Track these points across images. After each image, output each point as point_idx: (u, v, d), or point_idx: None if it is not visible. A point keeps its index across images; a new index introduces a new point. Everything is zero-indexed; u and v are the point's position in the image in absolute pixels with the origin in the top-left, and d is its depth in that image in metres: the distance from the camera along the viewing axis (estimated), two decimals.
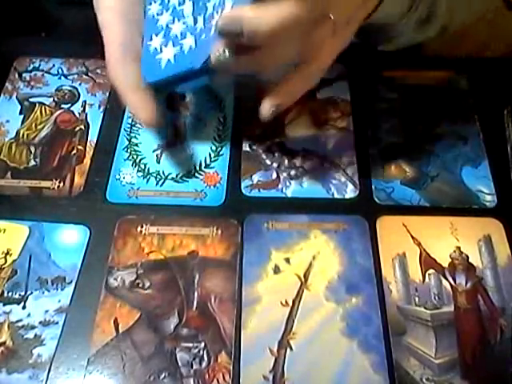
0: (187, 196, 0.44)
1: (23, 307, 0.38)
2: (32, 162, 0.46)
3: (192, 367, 0.36)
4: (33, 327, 0.37)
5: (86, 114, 0.49)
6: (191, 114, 0.48)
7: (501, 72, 0.50)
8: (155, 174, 0.45)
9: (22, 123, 0.48)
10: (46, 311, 0.38)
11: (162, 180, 0.45)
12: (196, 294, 0.39)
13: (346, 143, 0.47)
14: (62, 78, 0.51)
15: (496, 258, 0.40)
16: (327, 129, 0.48)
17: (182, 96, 0.49)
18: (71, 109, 0.49)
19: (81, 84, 0.51)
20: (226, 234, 0.41)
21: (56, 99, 0.50)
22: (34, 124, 0.48)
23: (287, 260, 0.40)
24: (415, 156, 0.46)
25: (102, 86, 0.50)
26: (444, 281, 0.39)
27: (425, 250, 0.41)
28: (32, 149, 0.46)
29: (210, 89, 0.50)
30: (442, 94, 0.49)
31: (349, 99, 0.49)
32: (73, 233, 0.41)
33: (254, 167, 0.45)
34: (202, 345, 0.36)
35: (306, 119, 0.48)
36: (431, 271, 0.40)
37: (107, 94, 0.50)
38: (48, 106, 0.49)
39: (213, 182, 0.44)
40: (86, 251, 0.40)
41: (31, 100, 0.50)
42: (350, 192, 0.44)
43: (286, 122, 0.48)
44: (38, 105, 0.49)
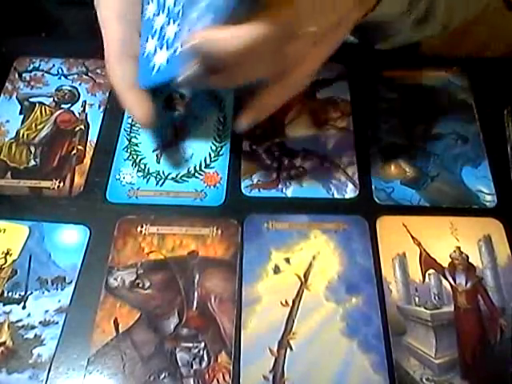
0: (187, 196, 0.44)
1: (23, 307, 0.38)
2: (32, 162, 0.46)
3: (192, 367, 0.36)
4: (33, 327, 0.37)
5: (86, 113, 0.49)
6: (191, 114, 0.48)
7: (501, 72, 0.50)
8: (155, 174, 0.45)
9: (22, 123, 0.48)
10: (46, 311, 0.38)
11: (162, 180, 0.45)
12: (196, 294, 0.39)
13: (346, 143, 0.47)
14: (62, 77, 0.51)
15: (496, 258, 0.40)
16: (327, 129, 0.48)
17: (182, 96, 0.49)
18: (71, 109, 0.49)
19: (81, 84, 0.51)
20: (226, 234, 0.41)
21: (56, 99, 0.50)
22: (33, 124, 0.48)
23: (287, 260, 0.40)
24: (415, 156, 0.46)
25: (101, 85, 0.50)
26: (444, 281, 0.39)
27: (425, 250, 0.41)
28: (32, 149, 0.46)
29: (210, 89, 0.50)
30: (442, 94, 0.49)
31: (349, 99, 0.49)
32: (73, 233, 0.41)
33: (254, 167, 0.45)
34: (202, 345, 0.36)
35: (306, 119, 0.48)
36: (431, 271, 0.40)
37: (107, 93, 0.50)
38: (48, 105, 0.49)
39: (213, 182, 0.44)
40: (86, 251, 0.40)
41: (31, 100, 0.50)
42: (350, 192, 0.44)
43: (285, 122, 0.48)
44: (37, 105, 0.49)
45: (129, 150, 0.46)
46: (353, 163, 0.45)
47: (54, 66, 0.52)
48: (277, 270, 0.40)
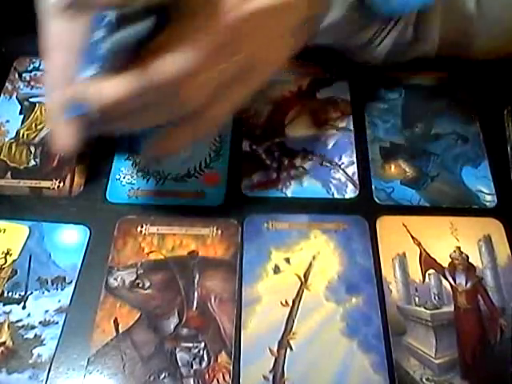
0: (187, 196, 0.44)
1: (23, 307, 0.38)
2: (32, 162, 0.46)
3: (192, 367, 0.36)
4: (33, 327, 0.37)
5: None
6: None
7: (501, 72, 0.50)
8: (155, 174, 0.45)
9: (22, 123, 0.48)
10: (46, 311, 0.38)
11: (162, 180, 0.45)
12: (196, 294, 0.39)
13: (346, 143, 0.47)
14: None
15: (496, 258, 0.40)
16: (327, 129, 0.48)
17: None
18: None
19: None
20: (226, 234, 0.41)
21: None
22: (33, 124, 0.48)
23: (287, 260, 0.40)
24: (415, 156, 0.46)
25: None
26: (444, 281, 0.39)
27: (425, 249, 0.41)
28: (32, 149, 0.46)
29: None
30: (442, 94, 0.49)
31: (349, 99, 0.49)
32: (73, 233, 0.41)
33: (254, 167, 0.45)
34: (202, 345, 0.36)
35: (306, 119, 0.48)
36: (431, 271, 0.40)
37: None
38: None
39: (213, 182, 0.44)
40: (86, 251, 0.40)
41: (31, 100, 0.50)
42: (350, 192, 0.44)
43: (285, 122, 0.48)
44: (37, 105, 0.49)
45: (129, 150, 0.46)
46: (353, 163, 0.45)
47: None
48: (277, 269, 0.40)
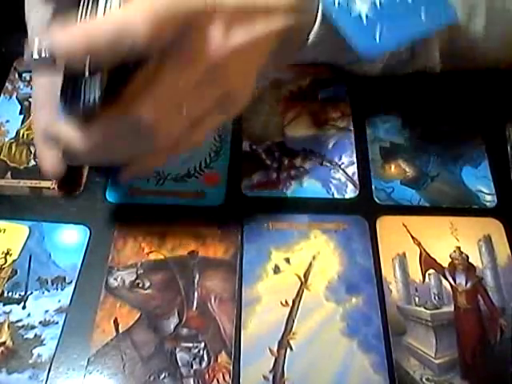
0: (187, 196, 0.44)
1: (23, 307, 0.38)
2: (32, 162, 0.46)
3: (192, 367, 0.36)
4: (33, 327, 0.37)
5: None
6: None
7: (502, 72, 0.50)
8: (155, 174, 0.45)
9: (22, 123, 0.48)
10: (46, 311, 0.38)
11: (162, 180, 0.45)
12: (196, 294, 0.39)
13: (346, 143, 0.47)
14: None
15: (496, 258, 0.40)
16: (327, 129, 0.48)
17: None
18: None
19: None
20: (226, 234, 0.41)
21: None
22: None
23: (287, 260, 0.40)
24: (415, 156, 0.46)
25: None
26: (444, 281, 0.39)
27: (425, 249, 0.41)
28: (32, 149, 0.46)
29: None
30: (442, 94, 0.49)
31: (349, 99, 0.49)
32: (73, 233, 0.41)
33: (254, 167, 0.45)
34: (202, 345, 0.36)
35: (306, 119, 0.48)
36: (431, 271, 0.40)
37: None
38: None
39: (213, 182, 0.44)
40: (86, 251, 0.40)
41: (31, 100, 0.49)
42: (350, 192, 0.44)
43: (285, 122, 0.48)
44: None
45: None
46: (353, 163, 0.45)
47: None
48: (277, 269, 0.40)
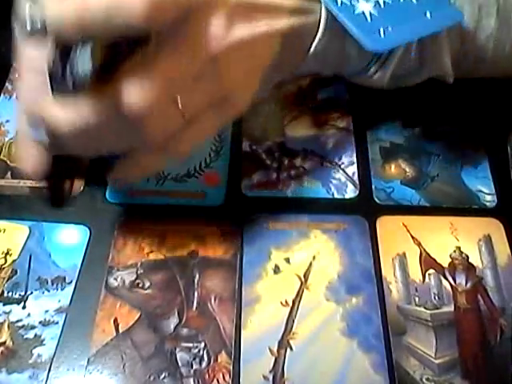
0: (187, 196, 0.44)
1: (23, 307, 0.38)
2: None
3: (192, 367, 0.36)
4: (33, 327, 0.37)
5: None
6: None
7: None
8: (155, 174, 0.45)
9: None
10: (46, 311, 0.38)
11: (162, 180, 0.45)
12: (196, 294, 0.39)
13: (346, 143, 0.47)
14: None
15: (496, 258, 0.40)
16: (327, 129, 0.48)
17: None
18: None
19: None
20: (226, 234, 0.41)
21: None
22: None
23: (287, 260, 0.40)
24: (415, 156, 0.46)
25: None
26: (444, 281, 0.39)
27: (425, 249, 0.41)
28: None
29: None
30: (442, 94, 0.49)
31: (349, 99, 0.49)
32: (73, 233, 0.41)
33: (254, 167, 0.45)
34: (202, 345, 0.36)
35: (306, 119, 0.48)
36: (431, 271, 0.40)
37: None
38: None
39: (213, 182, 0.44)
40: (86, 251, 0.40)
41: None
42: (350, 192, 0.44)
43: (285, 122, 0.48)
44: None
45: None
46: (353, 163, 0.45)
47: None
48: (277, 269, 0.40)
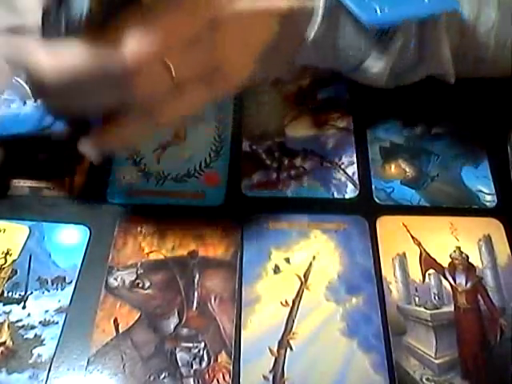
0: (187, 196, 0.44)
1: (23, 307, 0.38)
2: None
3: (192, 367, 0.36)
4: (33, 327, 0.37)
5: None
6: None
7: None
8: (155, 174, 0.45)
9: None
10: (46, 311, 0.38)
11: (162, 180, 0.45)
12: (196, 294, 0.39)
13: (346, 143, 0.47)
14: None
15: (496, 258, 0.40)
16: (327, 129, 0.48)
17: None
18: None
19: None
20: (226, 234, 0.41)
21: None
22: None
23: (287, 260, 0.40)
24: (415, 156, 0.46)
25: None
26: (444, 281, 0.39)
27: (425, 249, 0.41)
28: None
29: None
30: (442, 94, 0.49)
31: (349, 99, 0.49)
32: (73, 233, 0.41)
33: (254, 167, 0.45)
34: (202, 345, 0.36)
35: (306, 119, 0.48)
36: (431, 271, 0.40)
37: None
38: None
39: (213, 181, 0.44)
40: (86, 251, 0.40)
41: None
42: (350, 192, 0.44)
43: (285, 122, 0.48)
44: None
45: None
46: (353, 163, 0.45)
47: None
48: (277, 269, 0.40)
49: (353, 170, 0.45)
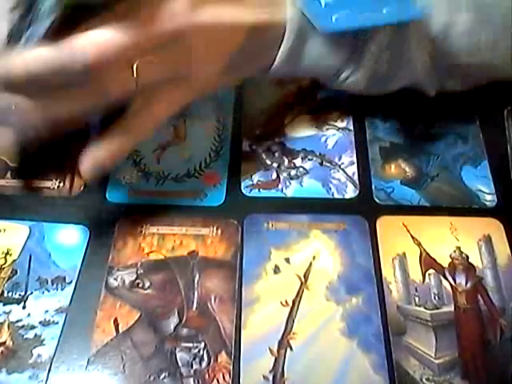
0: (187, 196, 0.44)
1: (23, 307, 0.38)
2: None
3: (192, 367, 0.36)
4: (33, 327, 0.37)
5: None
6: (191, 114, 0.48)
7: None
8: (155, 174, 0.45)
9: None
10: (46, 311, 0.38)
11: (162, 180, 0.45)
12: (196, 294, 0.39)
13: (346, 143, 0.47)
14: None
15: (496, 258, 0.40)
16: (327, 129, 0.48)
17: None
18: None
19: None
20: (226, 234, 0.41)
21: None
22: None
23: (287, 260, 0.40)
24: (415, 156, 0.46)
25: None
26: (444, 281, 0.39)
27: (425, 249, 0.41)
28: None
29: None
30: (442, 94, 0.49)
31: (349, 99, 0.49)
32: (73, 233, 0.41)
33: (254, 167, 0.45)
34: (202, 345, 0.36)
35: (306, 119, 0.48)
36: (431, 271, 0.40)
37: None
38: None
39: (213, 182, 0.44)
40: (86, 251, 0.40)
41: None
42: (350, 192, 0.44)
43: (285, 122, 0.48)
44: None
45: None
46: (353, 163, 0.45)
47: None
48: (277, 269, 0.40)
49: (353, 170, 0.45)
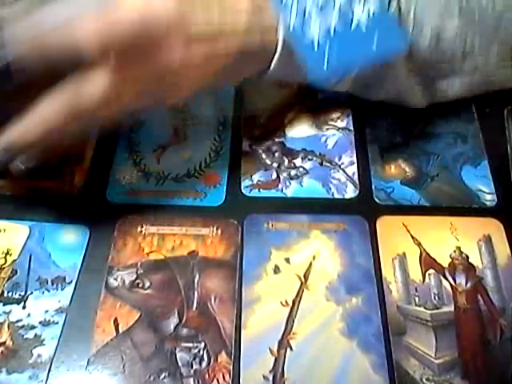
0: (187, 196, 0.44)
1: (23, 307, 0.38)
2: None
3: (192, 367, 0.36)
4: (33, 327, 0.37)
5: None
6: (191, 114, 0.48)
7: None
8: (155, 174, 0.45)
9: None
10: (46, 311, 0.38)
11: (162, 180, 0.45)
12: (196, 294, 0.39)
13: (346, 143, 0.47)
14: None
15: (496, 257, 0.40)
16: (327, 129, 0.48)
17: None
18: None
19: None
20: (226, 234, 0.41)
21: None
22: None
23: (287, 260, 0.40)
24: (415, 156, 0.46)
25: None
26: (444, 281, 0.39)
27: (425, 249, 0.41)
28: None
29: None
30: None
31: (349, 99, 0.49)
32: (73, 233, 0.41)
33: (254, 167, 0.45)
34: (202, 345, 0.36)
35: (306, 119, 0.48)
36: (431, 271, 0.40)
37: None
38: None
39: (213, 181, 0.44)
40: (86, 251, 0.40)
41: None
42: (350, 192, 0.44)
43: (285, 122, 0.48)
44: None
45: (129, 150, 0.46)
46: (353, 163, 0.45)
47: None
48: (277, 269, 0.40)
49: (353, 170, 0.45)
